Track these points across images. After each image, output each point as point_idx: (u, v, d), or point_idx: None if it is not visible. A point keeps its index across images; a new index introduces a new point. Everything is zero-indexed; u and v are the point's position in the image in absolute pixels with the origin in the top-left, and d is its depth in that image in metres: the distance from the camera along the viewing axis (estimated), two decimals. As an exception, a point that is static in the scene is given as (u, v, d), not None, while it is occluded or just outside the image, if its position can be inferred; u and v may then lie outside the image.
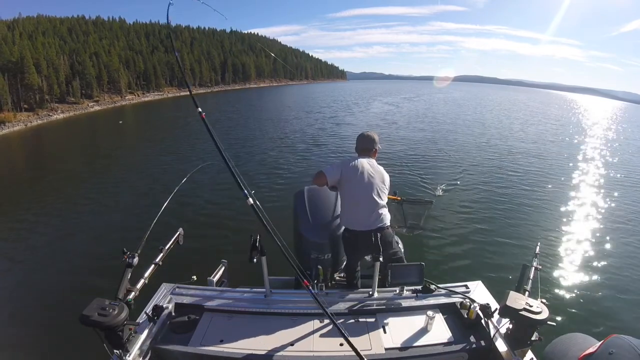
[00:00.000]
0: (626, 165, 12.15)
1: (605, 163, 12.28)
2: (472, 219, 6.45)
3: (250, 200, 1.67)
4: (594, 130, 23.90)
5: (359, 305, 1.89)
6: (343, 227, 2.29)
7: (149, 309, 1.70)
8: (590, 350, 0.63)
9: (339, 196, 2.44)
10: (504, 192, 8.08)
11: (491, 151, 12.81)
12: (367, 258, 2.40)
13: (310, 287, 1.54)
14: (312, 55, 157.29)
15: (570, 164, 11.59)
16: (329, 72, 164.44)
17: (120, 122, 27.20)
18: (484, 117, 27.25)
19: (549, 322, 1.39)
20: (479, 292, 1.93)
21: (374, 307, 1.89)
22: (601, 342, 0.64)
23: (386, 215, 2.23)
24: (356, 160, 2.26)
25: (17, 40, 37.95)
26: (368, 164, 2.26)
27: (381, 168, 2.31)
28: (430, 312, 1.73)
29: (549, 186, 8.78)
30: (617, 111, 57.84)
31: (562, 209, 7.13)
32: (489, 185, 8.60)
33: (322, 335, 1.70)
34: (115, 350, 1.38)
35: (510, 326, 1.54)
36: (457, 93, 70.20)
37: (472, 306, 1.74)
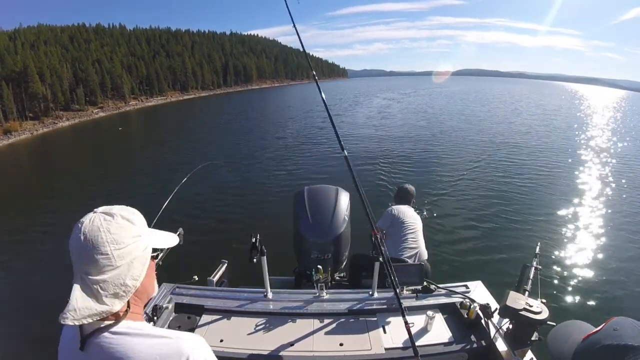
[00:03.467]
0: (629, 162, 11.85)
1: (607, 160, 11.92)
2: (472, 219, 6.36)
3: (345, 152, 1.90)
4: (596, 122, 23.23)
5: (359, 305, 1.89)
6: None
7: (149, 309, 1.71)
8: (595, 330, 0.65)
9: (339, 196, 2.45)
10: (503, 191, 7.92)
11: (490, 150, 12.55)
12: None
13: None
14: (312, 55, 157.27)
15: (571, 161, 11.33)
16: (331, 71, 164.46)
17: (120, 128, 27.47)
18: (482, 111, 26.96)
19: (549, 322, 1.37)
20: (479, 292, 1.91)
21: (374, 307, 1.88)
22: (604, 323, 0.65)
23: (424, 251, 2.75)
24: (400, 207, 2.88)
25: (20, 50, 38.52)
26: (410, 211, 2.86)
27: (417, 215, 2.90)
28: (430, 312, 1.72)
29: (550, 185, 8.60)
30: (620, 101, 56.27)
31: (563, 208, 6.98)
32: (489, 185, 8.45)
33: (322, 335, 1.70)
34: None
35: (510, 326, 1.53)
36: (457, 87, 69.58)
37: (472, 306, 1.73)
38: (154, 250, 0.78)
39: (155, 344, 0.66)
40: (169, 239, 0.82)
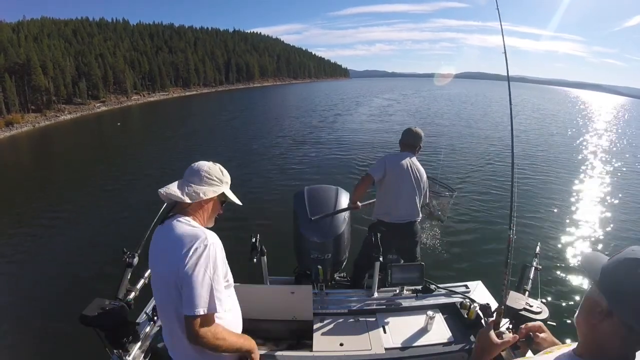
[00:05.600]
0: (628, 163, 11.91)
1: (607, 161, 12.08)
2: (472, 219, 6.36)
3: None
4: (596, 127, 23.48)
5: (359, 305, 1.89)
6: (375, 219, 2.43)
7: (149, 309, 1.71)
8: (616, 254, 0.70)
9: (339, 196, 2.44)
10: (503, 191, 7.93)
11: (490, 150, 12.57)
12: (391, 256, 2.45)
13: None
14: (314, 54, 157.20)
15: (571, 162, 11.42)
16: (332, 71, 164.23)
17: (119, 123, 27.45)
18: (482, 113, 27.05)
19: (549, 322, 1.37)
20: (479, 292, 1.92)
21: (374, 307, 1.88)
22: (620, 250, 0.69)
23: (418, 211, 2.45)
24: (400, 157, 2.42)
25: (23, 43, 38.44)
26: (411, 162, 2.42)
27: (422, 167, 2.47)
28: (430, 312, 1.72)
29: (549, 185, 8.65)
30: (619, 107, 56.38)
31: (563, 208, 7.03)
32: (489, 185, 8.46)
33: (322, 335, 1.70)
34: (115, 350, 1.38)
35: (510, 326, 1.53)
36: (457, 90, 69.48)
37: (472, 306, 1.73)
38: (223, 200, 1.34)
39: (193, 229, 1.14)
40: (235, 197, 1.35)
